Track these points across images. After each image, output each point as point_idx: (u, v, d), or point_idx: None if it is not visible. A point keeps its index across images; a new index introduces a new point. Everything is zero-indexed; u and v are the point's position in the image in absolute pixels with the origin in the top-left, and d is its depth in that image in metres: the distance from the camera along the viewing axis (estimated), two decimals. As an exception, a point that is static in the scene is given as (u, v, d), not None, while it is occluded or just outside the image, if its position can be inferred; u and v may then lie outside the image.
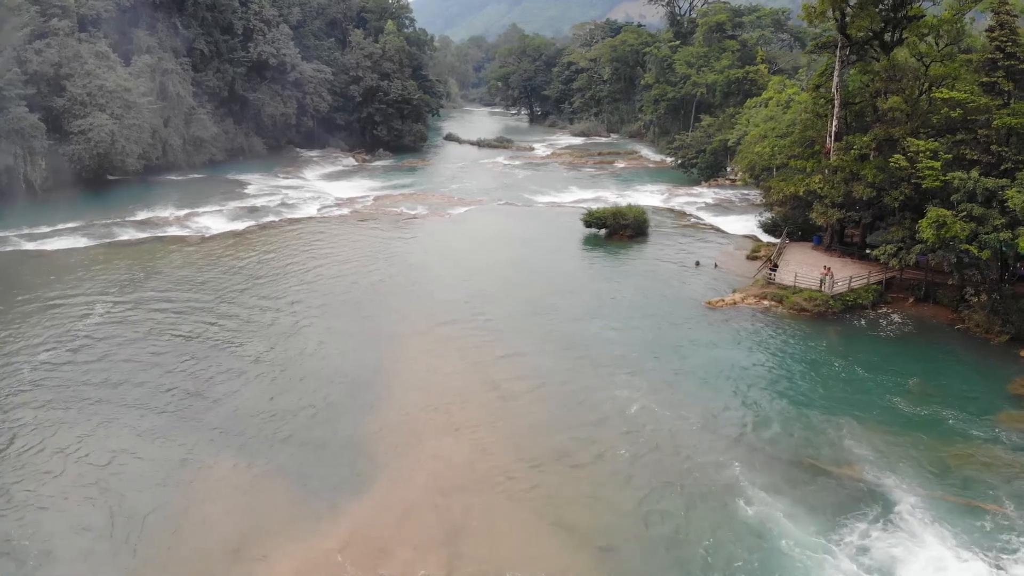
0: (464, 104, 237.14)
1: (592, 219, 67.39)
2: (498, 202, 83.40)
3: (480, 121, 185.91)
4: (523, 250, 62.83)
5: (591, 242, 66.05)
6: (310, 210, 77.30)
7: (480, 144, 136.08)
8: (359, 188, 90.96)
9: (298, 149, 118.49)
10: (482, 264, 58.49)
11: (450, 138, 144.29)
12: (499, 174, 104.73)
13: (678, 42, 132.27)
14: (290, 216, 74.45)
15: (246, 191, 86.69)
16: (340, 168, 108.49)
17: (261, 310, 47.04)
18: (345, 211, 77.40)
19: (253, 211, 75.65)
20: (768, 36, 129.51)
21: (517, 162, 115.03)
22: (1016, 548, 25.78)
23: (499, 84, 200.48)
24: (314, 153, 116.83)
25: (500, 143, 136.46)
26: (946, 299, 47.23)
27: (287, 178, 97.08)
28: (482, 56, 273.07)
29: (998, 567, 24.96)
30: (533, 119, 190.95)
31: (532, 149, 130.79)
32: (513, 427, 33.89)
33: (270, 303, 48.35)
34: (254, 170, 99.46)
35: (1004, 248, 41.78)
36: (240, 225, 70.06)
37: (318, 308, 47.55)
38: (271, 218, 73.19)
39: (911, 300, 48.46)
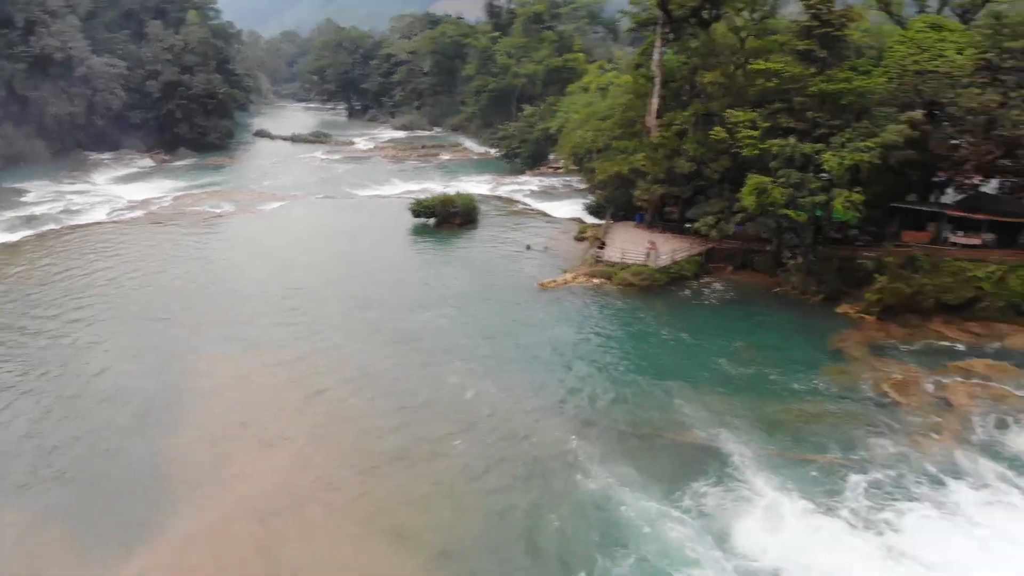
0: (277, 100, 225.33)
1: (420, 208, 64.63)
2: (316, 196, 78.51)
3: (295, 116, 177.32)
4: (346, 244, 58.91)
5: (420, 232, 63.21)
6: (98, 215, 68.77)
7: (295, 139, 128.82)
8: (157, 189, 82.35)
9: (87, 152, 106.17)
10: (300, 260, 53.94)
11: (262, 134, 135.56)
12: (317, 168, 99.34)
13: (497, 33, 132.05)
14: (73, 223, 65.75)
15: (23, 199, 76.04)
16: (135, 170, 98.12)
17: (33, 319, 40.38)
18: (138, 213, 69.46)
19: (31, 220, 66.22)
20: (584, 27, 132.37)
21: (337, 156, 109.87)
22: (842, 490, 26.38)
23: (314, 78, 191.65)
24: (106, 155, 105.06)
25: (317, 138, 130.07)
26: (763, 265, 48.64)
27: (73, 183, 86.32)
28: (295, 51, 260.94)
29: (829, 508, 25.45)
30: (352, 114, 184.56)
31: (352, 143, 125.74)
32: (338, 433, 30.49)
33: (44, 312, 41.70)
34: (35, 177, 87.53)
35: (819, 212, 43.34)
36: (13, 236, 60.88)
37: (102, 318, 41.47)
38: (51, 226, 64.29)
39: (730, 269, 49.57)
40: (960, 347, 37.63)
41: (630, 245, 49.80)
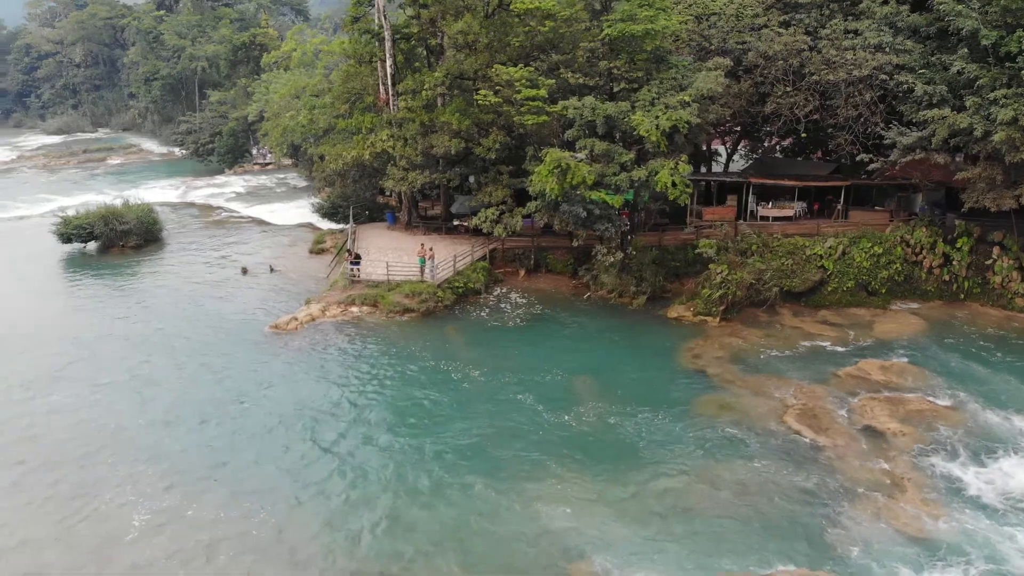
0: None
1: (71, 230, 46.04)
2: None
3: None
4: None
5: (76, 263, 44.82)
6: None
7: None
8: None
9: None
10: None
11: None
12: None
13: (162, 12, 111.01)
14: None
15: None
16: None
17: None
18: None
19: None
20: (268, 5, 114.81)
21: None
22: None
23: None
24: None
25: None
26: (559, 265, 38.56)
27: None
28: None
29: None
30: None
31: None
32: None
33: None
34: None
35: (629, 196, 33.63)
36: None
37: None
38: None
39: (522, 273, 38.64)
40: (836, 348, 29.96)
41: (393, 255, 36.67)
